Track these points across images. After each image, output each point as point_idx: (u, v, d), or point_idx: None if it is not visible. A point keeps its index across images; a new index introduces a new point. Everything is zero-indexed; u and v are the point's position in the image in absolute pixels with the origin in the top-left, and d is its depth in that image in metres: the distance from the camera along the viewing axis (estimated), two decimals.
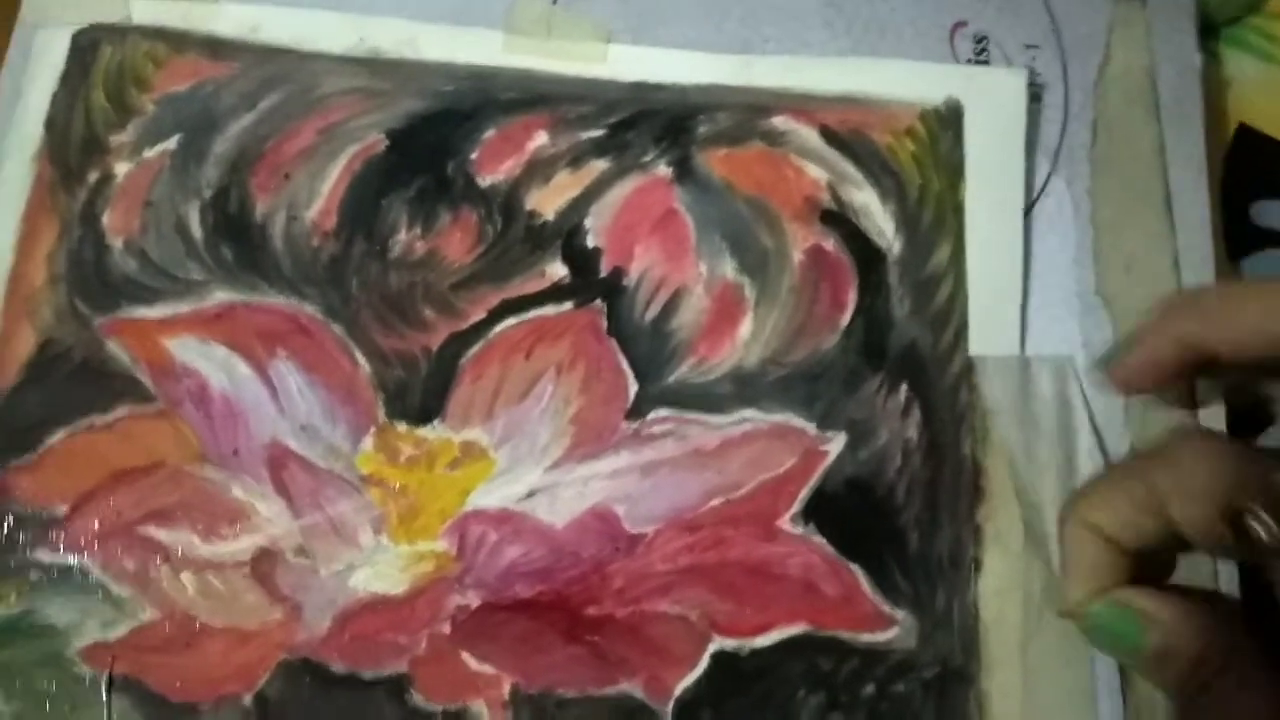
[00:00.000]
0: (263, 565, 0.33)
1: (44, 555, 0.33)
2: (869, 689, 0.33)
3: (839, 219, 0.37)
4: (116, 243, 0.36)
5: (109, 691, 0.32)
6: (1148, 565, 0.28)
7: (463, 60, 0.38)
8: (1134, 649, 0.27)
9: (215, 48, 0.38)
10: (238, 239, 0.36)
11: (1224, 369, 0.30)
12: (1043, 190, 0.38)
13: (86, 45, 0.37)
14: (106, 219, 0.36)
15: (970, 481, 0.35)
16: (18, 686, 0.32)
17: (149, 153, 0.36)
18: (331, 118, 0.37)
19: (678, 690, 0.33)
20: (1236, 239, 0.39)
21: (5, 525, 0.33)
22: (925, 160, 0.37)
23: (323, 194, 0.36)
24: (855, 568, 0.34)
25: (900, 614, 0.33)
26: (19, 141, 0.36)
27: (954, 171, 0.37)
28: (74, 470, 0.33)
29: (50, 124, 0.36)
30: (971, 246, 0.37)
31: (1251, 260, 0.39)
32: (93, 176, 0.36)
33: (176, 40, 0.37)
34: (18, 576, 0.33)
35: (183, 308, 0.35)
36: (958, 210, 0.37)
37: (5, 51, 0.37)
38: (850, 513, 0.34)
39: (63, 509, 0.33)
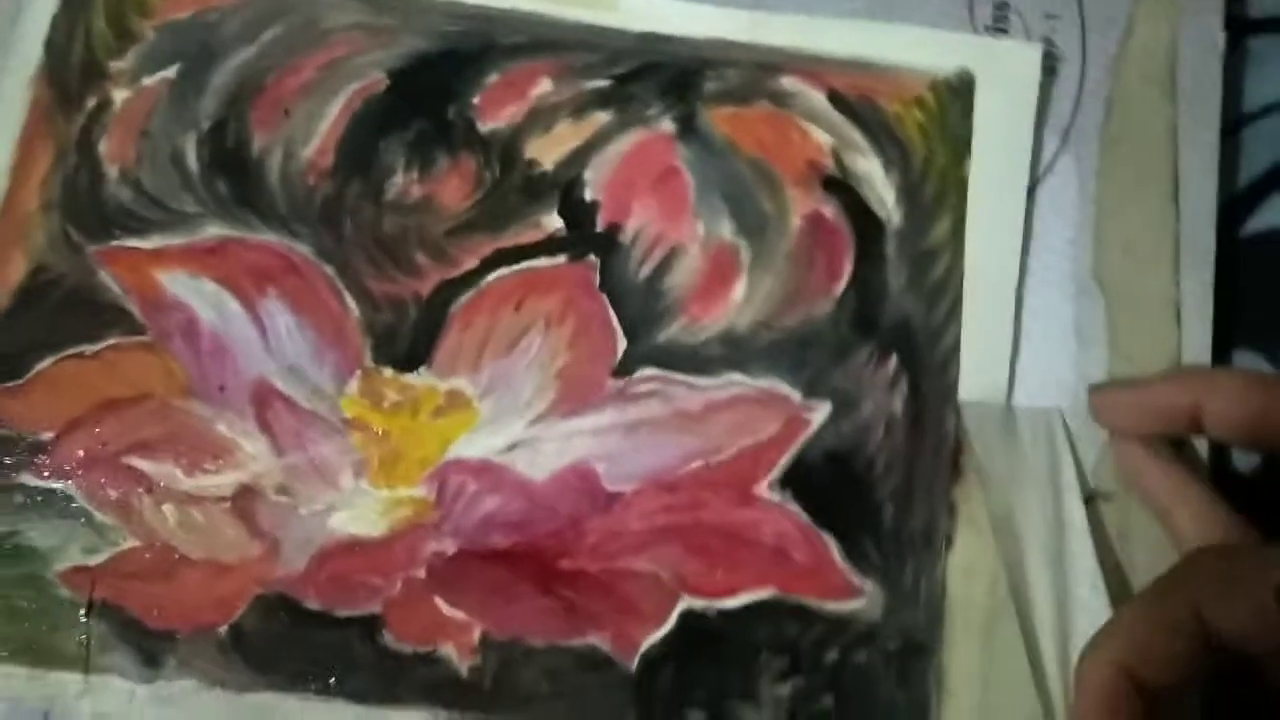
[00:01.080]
0: (244, 501, 0.33)
1: (29, 479, 0.33)
2: (832, 655, 0.33)
3: (841, 186, 0.36)
4: (112, 171, 0.35)
5: (89, 614, 0.32)
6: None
7: (470, 0, 0.37)
8: None
9: None
10: (233, 174, 0.36)
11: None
12: (1049, 168, 0.37)
13: None
14: (103, 146, 0.36)
15: (949, 459, 0.35)
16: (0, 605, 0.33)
17: (148, 80, 0.36)
18: (334, 53, 0.37)
19: (644, 646, 0.33)
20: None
21: None
22: (932, 131, 0.37)
23: (321, 132, 0.36)
24: (828, 537, 0.34)
25: (868, 585, 0.34)
26: (18, 63, 0.36)
27: (960, 145, 0.37)
28: (62, 397, 0.34)
29: (49, 46, 0.36)
30: (972, 222, 0.36)
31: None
32: (91, 102, 0.36)
33: None
34: (2, 498, 0.33)
35: (175, 240, 0.35)
36: (961, 184, 0.37)
37: None
38: (828, 483, 0.34)
39: (49, 435, 0.34)
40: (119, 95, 0.36)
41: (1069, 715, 0.31)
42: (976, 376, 0.35)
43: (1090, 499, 0.34)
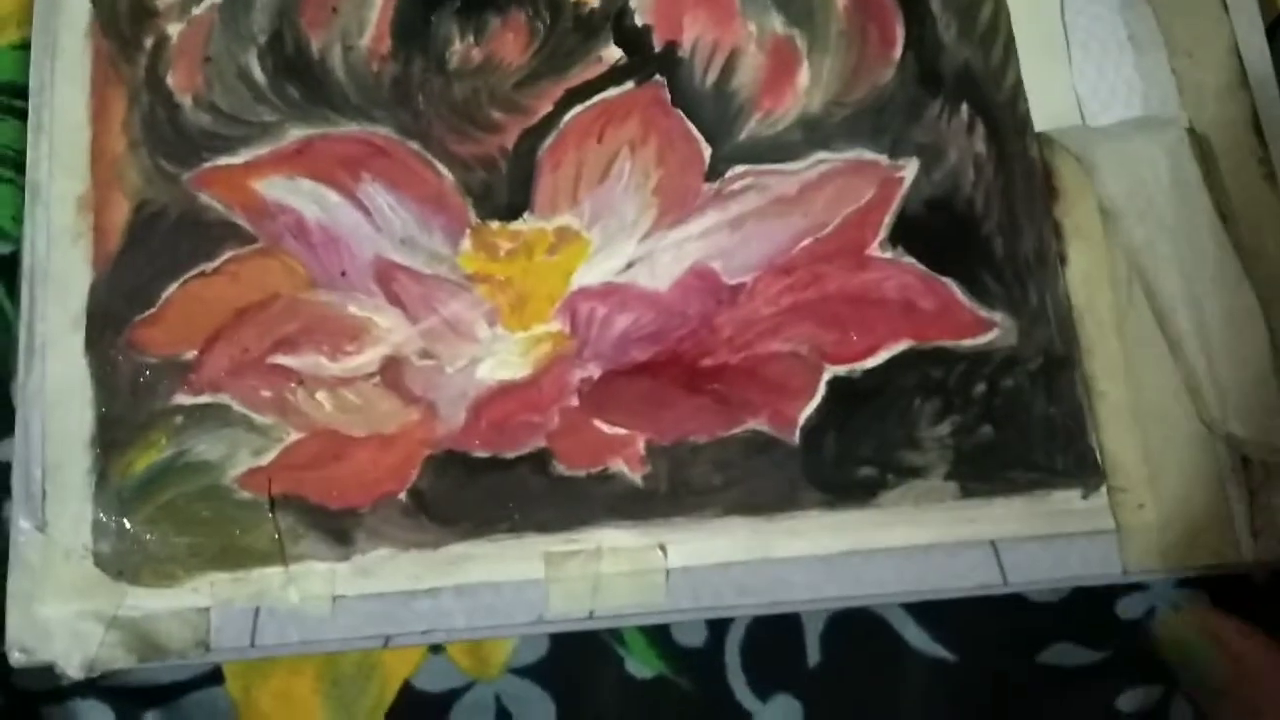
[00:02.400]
0: (391, 372, 0.34)
1: (184, 398, 0.34)
2: (980, 387, 0.34)
3: None
4: (185, 100, 0.36)
5: (273, 510, 0.33)
6: None
7: None
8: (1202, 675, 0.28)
9: None
10: (300, 77, 0.37)
11: None
12: None
13: None
14: (171, 79, 0.37)
15: (1043, 183, 0.36)
16: (186, 520, 0.34)
17: (197, 10, 0.37)
18: None
19: (801, 419, 0.34)
20: None
21: (143, 377, 0.34)
22: None
23: (372, 20, 0.37)
24: (948, 280, 0.35)
25: (998, 316, 0.35)
26: (69, 20, 0.37)
27: None
28: (195, 316, 0.35)
29: (96, 0, 0.37)
30: None
31: None
32: (148, 41, 0.37)
33: None
34: (164, 421, 0.34)
35: (262, 150, 0.36)
36: None
37: None
38: (934, 230, 0.35)
39: (192, 354, 0.35)
40: (173, 29, 0.37)
41: (1212, 382, 0.33)
42: (1046, 103, 0.36)
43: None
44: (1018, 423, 0.34)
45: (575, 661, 0.35)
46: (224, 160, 0.36)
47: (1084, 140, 0.36)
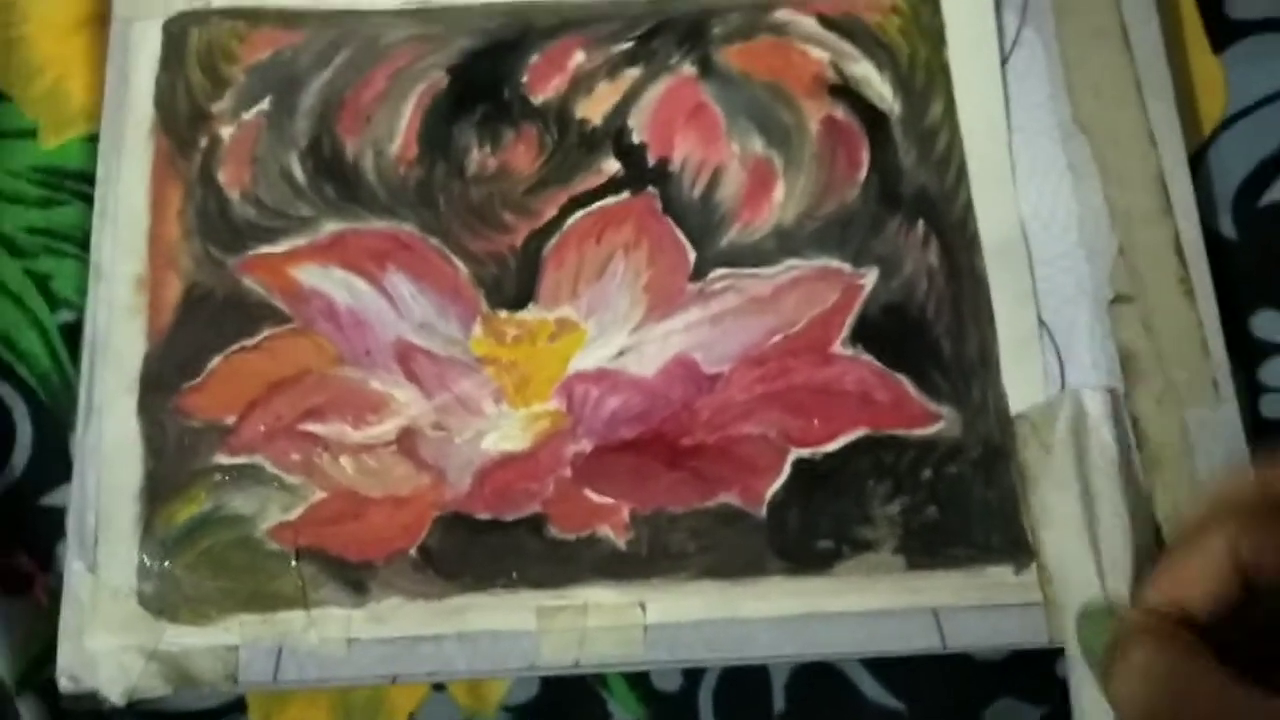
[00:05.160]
0: (406, 442, 0.39)
1: (223, 458, 0.39)
2: (927, 472, 0.39)
3: (845, 91, 0.43)
4: (234, 195, 0.41)
5: (298, 560, 0.38)
6: None
7: None
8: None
9: (287, 18, 0.43)
10: (336, 177, 0.41)
11: None
12: (1016, 41, 0.43)
13: (176, 32, 0.43)
14: (222, 176, 0.41)
15: (987, 293, 0.41)
16: (221, 566, 0.38)
17: (246, 115, 0.42)
18: (397, 63, 0.43)
19: (768, 495, 0.39)
20: (1216, 34, 0.45)
21: (187, 438, 0.39)
22: (911, 31, 0.43)
23: (401, 129, 0.42)
24: (901, 376, 0.40)
25: (944, 409, 0.40)
26: (135, 121, 0.42)
27: (936, 38, 0.43)
28: (236, 386, 0.39)
29: (159, 103, 0.42)
30: (960, 99, 0.42)
31: (1231, 51, 0.45)
32: (203, 142, 0.42)
33: (252, 16, 0.43)
34: (204, 478, 0.39)
35: (300, 241, 0.41)
36: (945, 70, 0.43)
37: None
38: (891, 332, 0.40)
39: (232, 419, 0.39)
40: (225, 131, 0.42)
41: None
42: (992, 223, 0.41)
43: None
44: (959, 505, 0.39)
45: (564, 702, 0.39)
46: (266, 249, 0.41)
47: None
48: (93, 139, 0.43)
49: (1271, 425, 0.42)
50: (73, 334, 0.41)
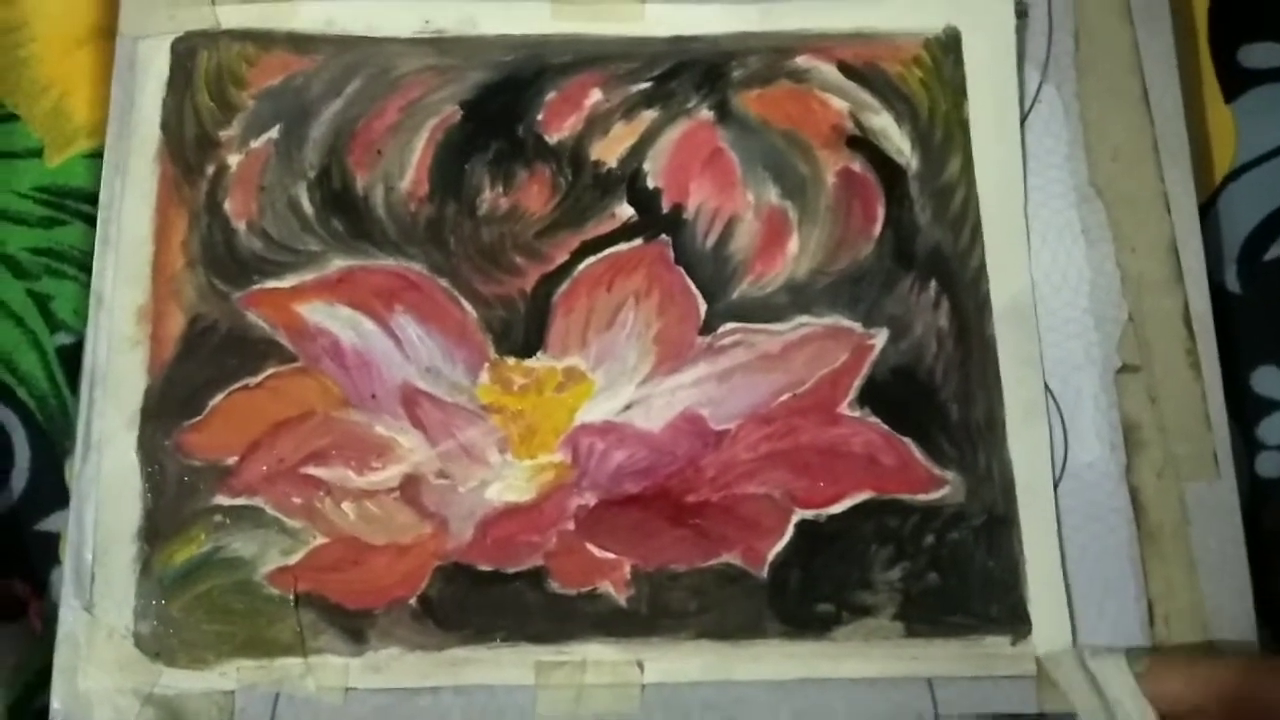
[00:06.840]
0: (410, 489, 0.39)
1: (223, 499, 0.38)
2: (929, 539, 0.39)
3: (863, 143, 0.42)
4: (240, 225, 0.40)
5: (297, 606, 0.38)
6: None
7: (518, 32, 0.42)
8: None
9: (298, 43, 0.42)
10: (345, 212, 0.41)
11: None
12: (1036, 98, 0.43)
13: (184, 52, 0.42)
14: (228, 205, 0.41)
15: (995, 358, 0.40)
16: (219, 610, 0.38)
17: (255, 143, 0.41)
18: (410, 95, 0.42)
19: (770, 556, 0.39)
20: (1228, 82, 0.45)
21: (186, 477, 0.38)
22: (932, 84, 0.43)
23: (412, 164, 0.41)
24: (907, 440, 0.40)
25: (949, 475, 0.40)
26: (139, 144, 0.41)
27: (957, 92, 0.43)
28: (237, 425, 0.39)
29: (165, 126, 0.41)
30: (978, 156, 0.42)
31: (1242, 100, 0.45)
32: (210, 169, 0.41)
33: (263, 39, 0.42)
34: (204, 519, 0.38)
35: (307, 276, 0.40)
36: (964, 126, 0.42)
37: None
38: (898, 395, 0.40)
39: (233, 459, 0.39)
40: (233, 159, 0.41)
41: None
42: (1004, 285, 0.41)
43: None
44: (960, 573, 0.39)
45: None
46: (271, 283, 0.40)
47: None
48: (95, 155, 0.42)
49: (1266, 484, 0.42)
50: (71, 356, 0.41)
